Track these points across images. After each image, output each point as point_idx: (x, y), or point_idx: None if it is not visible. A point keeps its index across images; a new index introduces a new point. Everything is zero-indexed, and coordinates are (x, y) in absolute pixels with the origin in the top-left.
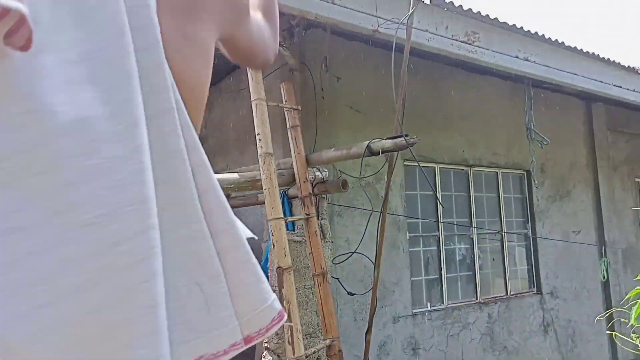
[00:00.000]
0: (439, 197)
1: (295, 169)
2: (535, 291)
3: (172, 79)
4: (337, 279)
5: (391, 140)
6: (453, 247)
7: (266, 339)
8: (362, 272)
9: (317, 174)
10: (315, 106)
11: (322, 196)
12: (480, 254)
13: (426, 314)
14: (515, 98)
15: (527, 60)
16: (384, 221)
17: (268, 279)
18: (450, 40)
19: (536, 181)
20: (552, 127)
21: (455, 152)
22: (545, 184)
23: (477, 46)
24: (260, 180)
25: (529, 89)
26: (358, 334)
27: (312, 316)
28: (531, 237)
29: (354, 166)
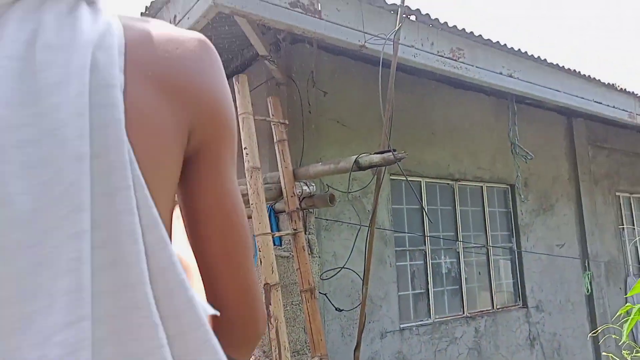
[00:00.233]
0: (426, 211)
1: (283, 183)
2: (521, 305)
3: (133, 155)
4: (324, 294)
5: (379, 155)
6: (439, 261)
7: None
8: (349, 287)
9: (305, 188)
10: (302, 120)
11: (310, 210)
12: (467, 267)
13: (414, 328)
14: (499, 113)
15: (511, 76)
16: (372, 236)
17: None
18: (436, 56)
19: (522, 195)
20: (535, 141)
21: (440, 166)
22: (529, 198)
23: (462, 62)
24: (247, 194)
25: (512, 104)
26: (346, 350)
27: (300, 333)
28: (516, 251)
29: (341, 180)
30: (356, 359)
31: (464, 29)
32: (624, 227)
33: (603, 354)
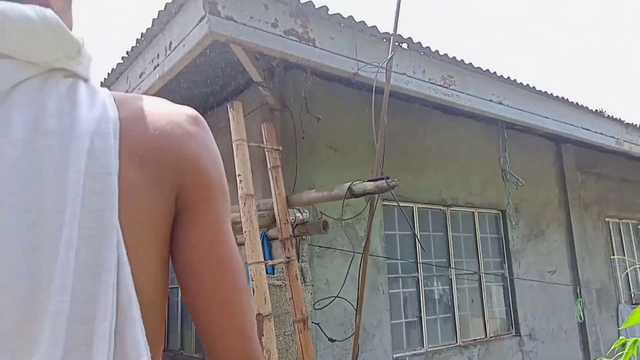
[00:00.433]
0: (418, 238)
1: (276, 210)
2: (514, 333)
3: (121, 236)
4: (317, 324)
5: (372, 183)
6: (432, 287)
7: None
8: (342, 315)
9: (298, 215)
10: (296, 146)
11: (302, 237)
12: (459, 294)
13: (407, 358)
14: (489, 139)
15: (501, 103)
16: (365, 264)
17: None
18: (427, 84)
19: (513, 221)
20: (525, 167)
21: (432, 192)
22: (520, 223)
23: (453, 89)
24: (240, 222)
25: (502, 131)
26: None
27: None
28: (508, 278)
29: (334, 206)
30: None
31: (454, 57)
32: (615, 257)
33: None
